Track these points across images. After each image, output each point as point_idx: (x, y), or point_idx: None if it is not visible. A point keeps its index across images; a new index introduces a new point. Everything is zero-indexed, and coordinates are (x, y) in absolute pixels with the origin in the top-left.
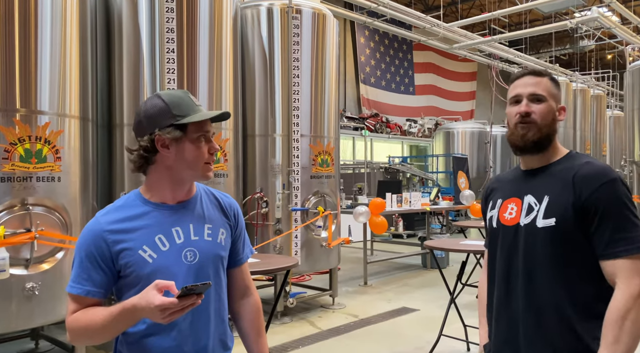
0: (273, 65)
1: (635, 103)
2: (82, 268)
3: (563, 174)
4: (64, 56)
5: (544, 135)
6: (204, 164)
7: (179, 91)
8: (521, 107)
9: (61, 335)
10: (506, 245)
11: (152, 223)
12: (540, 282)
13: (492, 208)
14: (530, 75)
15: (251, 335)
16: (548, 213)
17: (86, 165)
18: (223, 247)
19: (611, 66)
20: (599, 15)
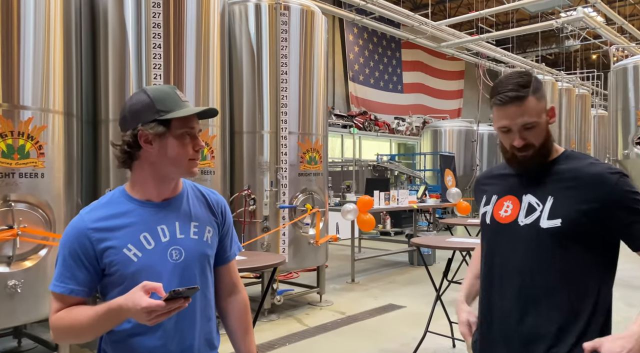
0: (261, 62)
1: (618, 103)
2: (65, 266)
3: (567, 174)
4: (48, 50)
5: (544, 152)
6: (188, 161)
7: (165, 86)
8: (514, 140)
9: (44, 333)
10: (501, 243)
11: (137, 221)
12: (539, 282)
13: (486, 204)
14: (514, 104)
15: (238, 333)
16: (553, 214)
17: (70, 161)
18: (209, 246)
19: (596, 66)
20: (584, 16)
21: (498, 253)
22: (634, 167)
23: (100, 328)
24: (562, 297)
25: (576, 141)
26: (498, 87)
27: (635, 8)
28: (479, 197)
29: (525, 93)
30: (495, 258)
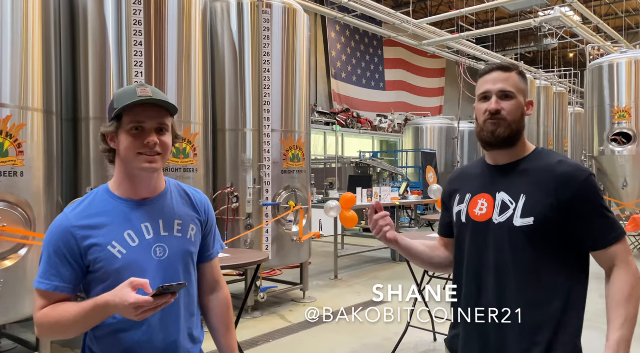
0: (243, 60)
1: (594, 100)
2: (50, 264)
3: (538, 173)
4: (26, 48)
5: (514, 131)
6: (136, 155)
7: (134, 84)
8: (491, 104)
9: (24, 333)
10: (477, 241)
11: (122, 219)
12: (513, 279)
13: (459, 203)
14: (499, 71)
15: (220, 330)
16: (526, 213)
17: (50, 160)
18: (193, 243)
19: (573, 64)
20: (561, 15)
21: (474, 252)
22: (609, 163)
23: (87, 324)
24: (536, 295)
25: (554, 138)
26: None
27: (611, 8)
28: (452, 195)
29: (511, 67)
30: (471, 256)
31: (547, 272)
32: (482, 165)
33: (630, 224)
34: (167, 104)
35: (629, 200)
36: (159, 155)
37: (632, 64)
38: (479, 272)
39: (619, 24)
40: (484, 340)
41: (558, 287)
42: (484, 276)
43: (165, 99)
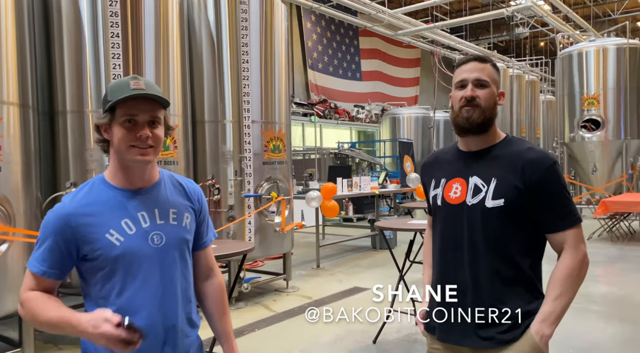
0: (221, 51)
1: (565, 88)
2: (42, 248)
3: (508, 158)
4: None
5: (487, 117)
6: (128, 147)
7: (127, 77)
8: (467, 91)
9: (5, 330)
10: (452, 222)
11: (118, 208)
12: (486, 256)
13: (435, 187)
14: (475, 61)
15: (215, 315)
16: (497, 195)
17: (28, 154)
18: (188, 231)
19: (544, 53)
20: (532, 4)
21: (450, 232)
22: (579, 149)
23: (57, 330)
24: (505, 271)
25: (526, 125)
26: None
27: None
28: (427, 180)
29: (486, 58)
30: (447, 236)
31: (515, 249)
32: (455, 151)
33: (599, 208)
34: (159, 97)
35: (599, 185)
36: (151, 147)
37: (600, 52)
38: (454, 251)
39: (587, 12)
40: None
41: (522, 262)
42: (458, 255)
43: (158, 92)
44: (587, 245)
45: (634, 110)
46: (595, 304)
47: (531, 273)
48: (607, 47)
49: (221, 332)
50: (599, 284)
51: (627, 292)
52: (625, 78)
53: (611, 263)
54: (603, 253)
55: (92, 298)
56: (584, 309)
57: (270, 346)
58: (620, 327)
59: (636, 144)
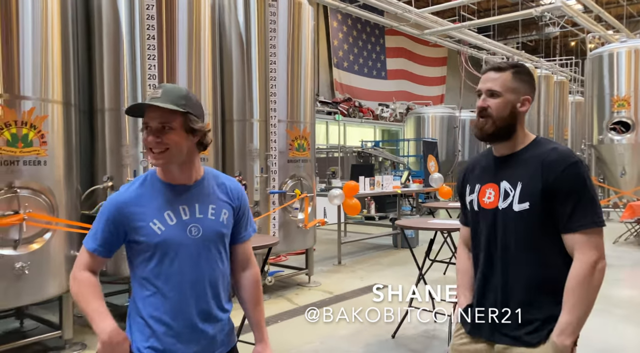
0: (250, 52)
1: (594, 90)
2: (96, 229)
3: (532, 161)
4: (46, 42)
5: (500, 127)
6: (147, 150)
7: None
8: (479, 101)
9: (46, 314)
10: (487, 226)
11: (163, 200)
12: (518, 257)
13: (471, 193)
14: (492, 71)
15: (249, 304)
16: (522, 198)
17: (70, 149)
18: (225, 226)
19: (574, 53)
20: (562, 4)
21: (486, 235)
22: (608, 151)
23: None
24: (534, 273)
25: (554, 127)
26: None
27: None
28: (464, 186)
29: (505, 66)
30: (484, 239)
31: (544, 252)
32: (489, 156)
33: (626, 211)
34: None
35: (627, 188)
36: (165, 151)
37: (631, 54)
38: (489, 254)
39: (620, 12)
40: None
41: (552, 265)
42: (494, 257)
43: (169, 101)
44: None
45: None
46: (617, 307)
47: (561, 276)
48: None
49: (254, 320)
50: (622, 288)
51: None
52: None
53: (636, 267)
54: (629, 257)
55: (137, 277)
56: (605, 311)
57: (292, 336)
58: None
59: None
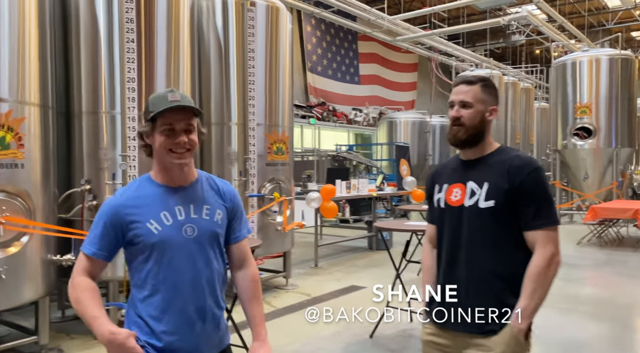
0: (228, 56)
1: (558, 96)
2: (94, 233)
3: (498, 165)
4: (23, 43)
5: (472, 134)
6: (168, 152)
7: (164, 90)
8: (452, 112)
9: (19, 320)
10: (453, 222)
11: (159, 202)
12: (480, 251)
13: (439, 192)
14: (463, 84)
15: (246, 301)
16: (488, 197)
17: (47, 152)
18: (219, 226)
19: (539, 60)
20: (528, 14)
21: (451, 230)
22: (571, 156)
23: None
24: (497, 267)
25: (521, 132)
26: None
27: (575, 6)
28: (433, 186)
29: (474, 80)
30: (448, 234)
31: (506, 246)
32: (457, 160)
33: (589, 214)
34: (194, 107)
35: (590, 191)
36: (187, 151)
37: (592, 62)
38: (453, 247)
39: (582, 22)
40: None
41: (513, 259)
42: (457, 250)
43: (192, 103)
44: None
45: (624, 119)
46: (582, 305)
47: (518, 269)
48: (600, 57)
49: (250, 316)
50: (586, 286)
51: (611, 294)
52: (617, 88)
53: (599, 267)
54: (591, 257)
55: (135, 278)
56: (570, 309)
57: (272, 339)
58: (602, 326)
59: (626, 152)
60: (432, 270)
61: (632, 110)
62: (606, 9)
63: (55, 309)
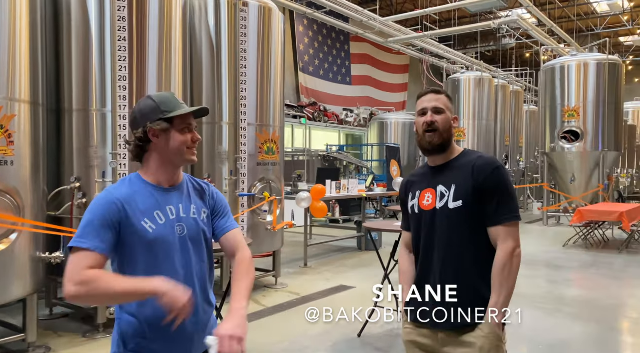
0: (220, 56)
1: (547, 100)
2: (92, 227)
3: (463, 167)
4: (14, 40)
5: (445, 139)
6: (186, 149)
7: (166, 92)
8: (427, 117)
9: (6, 317)
10: (427, 225)
11: (153, 201)
12: (453, 250)
13: (412, 199)
14: (432, 93)
15: (234, 278)
16: (456, 197)
17: (37, 150)
18: (206, 224)
19: (529, 64)
20: (518, 18)
21: (425, 233)
22: (559, 159)
23: (125, 300)
24: (470, 264)
25: (510, 135)
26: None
27: (564, 11)
28: (406, 194)
29: (441, 91)
30: (423, 237)
31: (477, 244)
32: (426, 168)
33: (575, 216)
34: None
35: (577, 194)
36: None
37: (581, 67)
38: (428, 248)
39: (571, 26)
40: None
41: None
42: (432, 252)
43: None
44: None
45: (611, 123)
46: (566, 306)
47: (490, 266)
48: (588, 62)
49: (233, 291)
50: (571, 288)
51: (596, 296)
52: (604, 92)
53: (584, 268)
54: (577, 259)
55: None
56: (555, 310)
57: (262, 337)
58: (587, 327)
59: (613, 155)
60: (410, 272)
61: (619, 114)
62: (595, 14)
63: (44, 307)
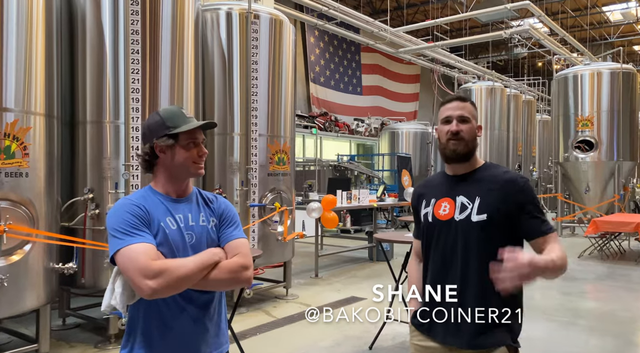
0: (232, 67)
1: (560, 109)
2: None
3: (488, 180)
4: (30, 53)
5: (470, 148)
6: (192, 164)
7: (174, 107)
8: (452, 126)
9: (17, 327)
10: (443, 236)
11: (164, 208)
12: (474, 264)
13: (426, 206)
14: (457, 101)
15: None
16: (480, 211)
17: (51, 161)
18: (214, 231)
19: (541, 73)
20: (529, 27)
21: (440, 244)
22: (573, 168)
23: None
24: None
25: (523, 144)
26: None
27: (577, 20)
28: (419, 201)
29: (465, 98)
30: (438, 247)
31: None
32: (442, 176)
33: (590, 227)
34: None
35: (591, 204)
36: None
37: (594, 76)
38: (444, 261)
39: (584, 35)
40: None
41: None
42: (450, 264)
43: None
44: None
45: (626, 132)
46: (582, 318)
47: None
48: (602, 71)
49: None
50: (586, 300)
51: (612, 308)
52: (618, 101)
53: (600, 280)
54: (592, 271)
55: None
56: (570, 323)
57: (271, 349)
58: (603, 340)
59: (628, 165)
60: (420, 282)
61: (633, 123)
62: (608, 23)
63: (56, 317)
